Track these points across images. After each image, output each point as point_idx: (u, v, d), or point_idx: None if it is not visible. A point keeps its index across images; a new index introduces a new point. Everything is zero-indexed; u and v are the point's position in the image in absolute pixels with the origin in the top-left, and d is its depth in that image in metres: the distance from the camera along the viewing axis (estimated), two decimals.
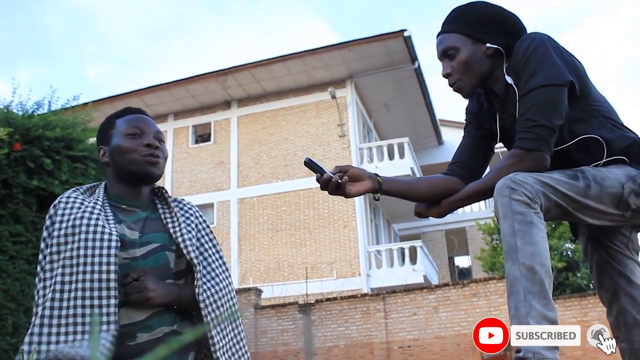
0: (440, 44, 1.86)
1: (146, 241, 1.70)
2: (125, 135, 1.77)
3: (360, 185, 1.73)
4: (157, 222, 1.77)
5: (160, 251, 1.71)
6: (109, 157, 1.79)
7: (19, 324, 5.93)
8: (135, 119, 1.81)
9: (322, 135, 18.83)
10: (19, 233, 6.21)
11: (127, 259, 1.65)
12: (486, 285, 12.62)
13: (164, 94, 19.68)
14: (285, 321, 13.63)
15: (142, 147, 1.74)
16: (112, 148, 1.77)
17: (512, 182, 1.54)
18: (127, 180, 1.77)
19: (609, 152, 1.70)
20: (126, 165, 1.74)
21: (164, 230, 1.76)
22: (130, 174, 1.75)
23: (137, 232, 1.70)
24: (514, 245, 1.50)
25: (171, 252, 1.73)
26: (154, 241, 1.71)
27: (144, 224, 1.74)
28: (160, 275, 1.68)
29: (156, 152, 1.76)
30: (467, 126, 2.01)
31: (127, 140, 1.76)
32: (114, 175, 1.78)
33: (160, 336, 1.64)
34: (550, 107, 1.64)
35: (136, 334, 1.60)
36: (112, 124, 1.82)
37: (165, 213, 1.81)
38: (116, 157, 1.76)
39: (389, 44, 17.47)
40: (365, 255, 17.10)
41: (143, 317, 1.62)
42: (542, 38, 1.72)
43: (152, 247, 1.70)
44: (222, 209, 19.12)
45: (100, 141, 1.84)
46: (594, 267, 1.88)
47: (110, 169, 1.79)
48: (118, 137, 1.77)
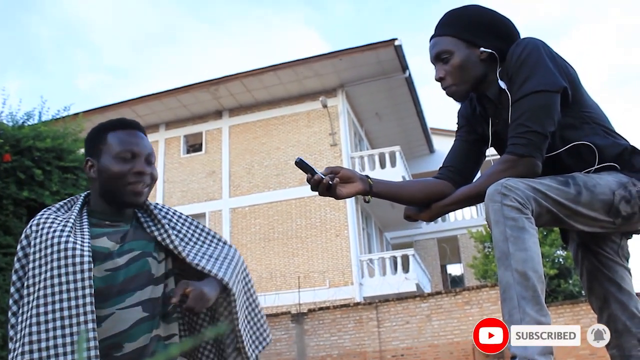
0: (434, 47, 1.84)
1: (127, 249, 1.69)
2: (115, 157, 1.71)
3: (351, 187, 1.72)
4: (140, 231, 1.76)
5: (141, 258, 1.69)
6: (97, 174, 1.74)
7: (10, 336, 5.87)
8: (128, 138, 1.74)
9: (314, 145, 18.84)
10: (9, 244, 6.15)
11: (109, 270, 1.63)
12: (479, 293, 12.63)
13: (155, 104, 19.64)
14: (278, 331, 13.57)
15: (131, 175, 1.70)
16: (100, 167, 1.72)
17: (504, 187, 1.53)
18: (111, 201, 1.75)
19: (601, 159, 1.70)
20: (112, 190, 1.71)
21: (146, 238, 1.75)
22: (114, 198, 1.73)
23: (117, 243, 1.68)
24: (506, 251, 1.50)
25: (152, 259, 1.72)
26: (134, 249, 1.70)
27: (125, 234, 1.72)
28: (142, 282, 1.67)
29: (144, 180, 1.72)
30: (459, 130, 2.00)
31: (117, 164, 1.70)
32: (100, 193, 1.75)
33: (147, 343, 1.63)
34: (543, 113, 1.64)
35: (123, 345, 1.59)
36: (104, 138, 1.74)
37: (147, 221, 1.80)
38: (104, 178, 1.72)
39: (379, 53, 17.53)
40: (358, 264, 17.07)
41: (127, 325, 1.61)
42: (536, 43, 1.71)
43: (133, 254, 1.69)
44: (214, 219, 19.07)
45: (89, 153, 1.78)
46: (585, 273, 1.88)
47: (95, 185, 1.76)
48: (108, 158, 1.71)
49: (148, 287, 1.67)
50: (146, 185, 1.73)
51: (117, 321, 1.60)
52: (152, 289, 1.68)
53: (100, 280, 1.60)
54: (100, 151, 1.74)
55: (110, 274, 1.63)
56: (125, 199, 1.71)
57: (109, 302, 1.60)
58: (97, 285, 1.59)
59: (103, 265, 1.62)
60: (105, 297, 1.60)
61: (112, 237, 1.69)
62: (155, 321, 1.67)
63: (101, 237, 1.67)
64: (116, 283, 1.63)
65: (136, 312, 1.63)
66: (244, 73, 18.50)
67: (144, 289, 1.66)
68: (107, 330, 1.58)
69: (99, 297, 1.58)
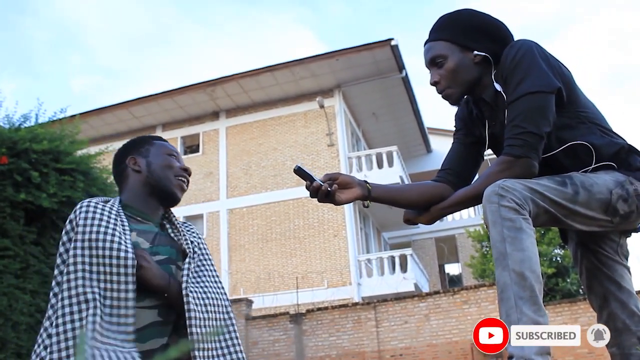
0: (428, 52, 1.86)
1: (155, 252, 1.74)
2: (166, 154, 1.90)
3: (349, 193, 1.74)
4: (166, 237, 1.83)
5: (166, 263, 1.74)
6: (144, 166, 1.86)
7: (7, 339, 5.86)
8: (171, 146, 1.96)
9: (311, 145, 18.85)
10: (6, 247, 6.15)
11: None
12: (477, 293, 12.64)
13: (151, 105, 19.63)
14: (276, 331, 13.57)
15: (179, 169, 1.89)
16: (150, 160, 1.86)
17: (501, 188, 1.54)
18: (153, 194, 1.84)
19: (598, 158, 1.70)
20: (162, 178, 1.84)
21: (172, 245, 1.81)
22: (161, 187, 1.84)
23: (148, 243, 1.74)
24: (503, 251, 1.50)
25: (175, 266, 1.76)
26: (161, 253, 1.75)
27: (155, 237, 1.78)
28: None
29: (187, 178, 1.91)
30: (457, 133, 2.01)
31: (169, 158, 1.89)
32: (143, 185, 1.84)
33: (156, 348, 1.64)
34: (538, 114, 1.65)
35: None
36: (150, 141, 1.94)
37: (173, 231, 1.88)
38: (154, 167, 1.85)
39: (376, 53, 17.54)
40: (356, 264, 17.08)
41: (140, 326, 1.62)
42: (530, 45, 1.72)
43: (160, 258, 1.73)
44: (212, 220, 19.06)
45: (132, 152, 1.90)
46: (584, 272, 1.89)
47: (139, 178, 1.85)
48: (159, 154, 1.89)
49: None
50: (187, 183, 1.91)
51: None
52: None
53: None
54: (147, 150, 1.90)
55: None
56: (172, 189, 1.85)
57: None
58: None
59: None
60: None
61: (142, 235, 1.75)
62: (168, 329, 1.69)
63: (132, 233, 1.72)
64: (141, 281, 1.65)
65: (151, 315, 1.65)
66: (240, 74, 18.50)
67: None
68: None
69: None
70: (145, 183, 1.84)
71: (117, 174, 1.91)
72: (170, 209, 1.94)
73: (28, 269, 6.29)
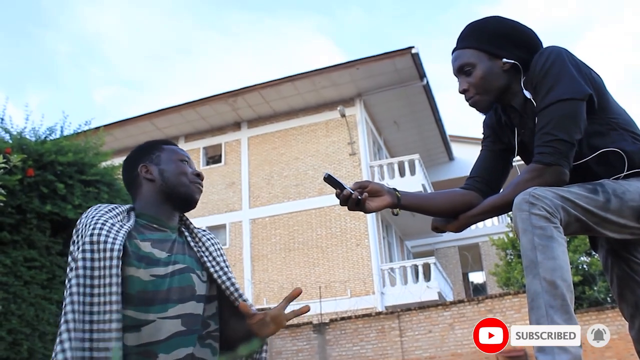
0: (456, 60, 1.85)
1: (173, 261, 1.71)
2: (177, 160, 1.87)
3: (379, 201, 1.74)
4: (184, 245, 1.81)
5: (186, 272, 1.72)
6: (157, 175, 1.84)
7: (34, 348, 5.92)
8: (182, 151, 1.93)
9: (333, 154, 18.85)
10: (33, 258, 6.23)
11: (155, 276, 1.65)
12: (502, 301, 12.50)
13: (174, 117, 19.81)
14: (300, 341, 13.54)
15: (192, 175, 1.86)
16: (163, 167, 1.85)
17: (531, 196, 1.53)
18: (169, 200, 1.83)
19: (630, 165, 1.68)
20: (176, 186, 1.82)
21: (190, 254, 1.79)
22: (177, 194, 1.82)
23: (165, 252, 1.72)
24: (534, 259, 1.48)
25: (196, 276, 1.74)
26: (179, 262, 1.72)
27: (172, 245, 1.76)
28: (185, 295, 1.68)
29: (201, 182, 1.89)
30: (485, 140, 2.00)
31: (181, 165, 1.86)
32: (156, 194, 1.83)
33: (181, 357, 1.62)
34: (569, 121, 1.63)
35: (158, 354, 1.59)
36: (160, 147, 1.91)
37: (191, 239, 1.86)
38: (168, 175, 1.83)
39: (396, 61, 17.53)
40: (379, 273, 17.01)
41: (164, 336, 1.61)
42: (560, 51, 1.71)
43: (179, 267, 1.71)
44: (235, 230, 19.13)
45: (142, 160, 1.88)
46: (615, 280, 1.86)
47: (152, 187, 1.83)
48: (170, 160, 1.87)
49: (190, 302, 1.68)
50: (201, 187, 1.89)
51: (156, 329, 1.60)
52: (194, 305, 1.69)
53: (145, 283, 1.62)
54: (158, 157, 1.88)
55: (155, 280, 1.64)
56: (190, 192, 1.84)
57: (152, 309, 1.61)
58: (143, 288, 1.62)
59: (149, 270, 1.65)
60: (148, 302, 1.61)
61: (158, 244, 1.72)
62: (193, 338, 1.66)
63: (146, 242, 1.70)
64: (161, 290, 1.64)
65: (175, 324, 1.63)
66: (261, 84, 18.60)
67: (186, 303, 1.67)
68: (146, 336, 1.58)
69: (143, 300, 1.61)
70: (160, 191, 1.82)
71: (129, 181, 1.89)
72: (186, 216, 1.92)
73: (54, 280, 6.36)
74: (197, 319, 1.69)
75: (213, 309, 1.78)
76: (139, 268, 1.63)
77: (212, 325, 1.75)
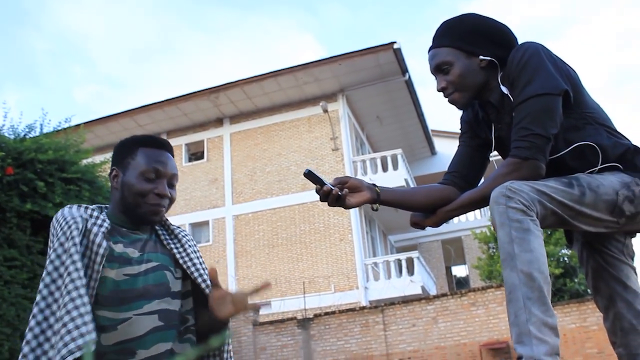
0: (433, 58, 1.86)
1: (146, 259, 1.71)
2: (140, 175, 1.74)
3: (359, 196, 1.76)
4: (157, 244, 1.80)
5: (159, 270, 1.72)
6: (120, 186, 1.76)
7: (16, 349, 5.87)
8: (156, 157, 1.78)
9: (316, 150, 18.86)
10: (13, 257, 6.17)
11: (128, 275, 1.65)
12: (484, 294, 12.60)
13: (156, 113, 19.70)
14: (284, 337, 13.56)
15: (153, 194, 1.74)
16: (124, 181, 1.76)
17: (508, 190, 1.54)
18: (127, 215, 1.78)
19: (604, 159, 1.71)
20: (132, 205, 1.74)
21: (163, 252, 1.78)
22: (133, 213, 1.75)
23: (137, 251, 1.71)
24: (511, 252, 1.50)
25: (170, 273, 1.74)
26: (152, 260, 1.72)
27: (145, 243, 1.75)
28: (160, 292, 1.68)
29: (163, 202, 1.76)
30: (462, 136, 2.01)
31: (141, 182, 1.74)
32: (119, 204, 1.78)
33: (161, 352, 1.63)
34: (545, 115, 1.65)
35: (136, 351, 1.59)
36: (134, 152, 1.78)
37: (166, 237, 1.84)
38: (125, 192, 1.75)
39: (379, 56, 17.56)
40: (363, 267, 17.07)
41: (142, 332, 1.61)
42: (536, 47, 1.73)
43: (152, 265, 1.71)
44: (218, 227, 19.08)
45: (116, 162, 1.81)
46: (590, 273, 1.89)
47: (118, 195, 1.78)
48: (133, 174, 1.75)
49: (166, 298, 1.69)
50: (164, 206, 1.77)
51: (133, 326, 1.60)
52: (169, 301, 1.70)
53: (118, 283, 1.62)
54: (127, 165, 1.77)
55: (128, 279, 1.64)
56: (143, 216, 1.74)
57: (127, 307, 1.61)
58: (115, 288, 1.61)
59: (121, 269, 1.64)
60: (122, 300, 1.61)
61: (130, 244, 1.71)
62: (171, 333, 1.67)
63: (118, 244, 1.69)
64: (135, 288, 1.64)
65: (152, 320, 1.63)
66: (243, 80, 18.54)
67: (162, 299, 1.68)
68: (122, 334, 1.58)
69: (117, 300, 1.60)
70: (121, 204, 1.77)
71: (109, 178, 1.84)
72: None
73: (35, 279, 6.30)
74: (174, 315, 1.70)
75: (190, 304, 1.79)
76: (112, 269, 1.62)
77: (190, 321, 1.76)
